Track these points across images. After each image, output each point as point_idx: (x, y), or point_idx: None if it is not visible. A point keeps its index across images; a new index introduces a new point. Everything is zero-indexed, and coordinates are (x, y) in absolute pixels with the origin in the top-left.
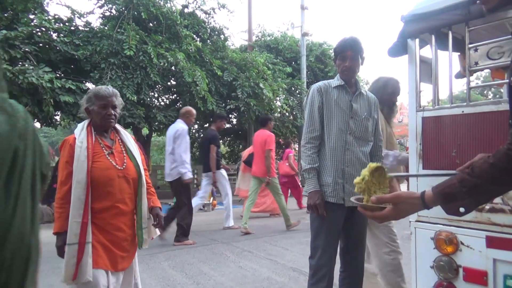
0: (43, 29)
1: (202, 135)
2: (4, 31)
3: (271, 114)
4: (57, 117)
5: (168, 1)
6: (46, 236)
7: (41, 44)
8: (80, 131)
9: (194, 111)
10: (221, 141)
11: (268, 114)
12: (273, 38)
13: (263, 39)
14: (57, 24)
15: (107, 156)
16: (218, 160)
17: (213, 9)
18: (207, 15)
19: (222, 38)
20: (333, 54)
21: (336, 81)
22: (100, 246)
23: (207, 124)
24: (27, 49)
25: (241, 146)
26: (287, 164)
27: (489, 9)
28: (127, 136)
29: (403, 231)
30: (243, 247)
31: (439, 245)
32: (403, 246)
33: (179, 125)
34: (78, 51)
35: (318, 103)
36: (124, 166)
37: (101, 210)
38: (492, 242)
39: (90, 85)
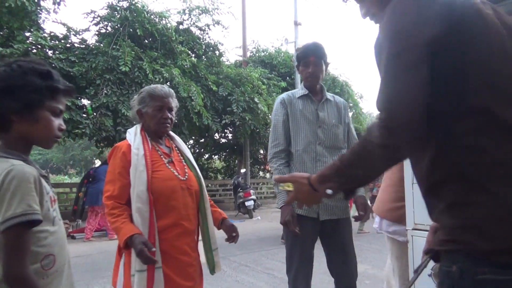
0: (39, 46)
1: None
2: (0, 49)
3: (267, 128)
4: None
5: (163, 18)
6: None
7: None
8: (134, 136)
9: None
10: (216, 156)
11: (264, 128)
12: (267, 53)
13: (257, 54)
14: (52, 41)
15: (167, 165)
16: None
17: (208, 25)
18: (202, 32)
19: (217, 54)
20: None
21: (300, 91)
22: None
23: (202, 139)
24: None
25: (236, 161)
26: None
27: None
28: (183, 144)
29: None
30: (240, 261)
31: None
32: None
33: None
34: (74, 67)
35: (283, 116)
36: (186, 177)
37: (163, 230)
38: None
39: (85, 101)
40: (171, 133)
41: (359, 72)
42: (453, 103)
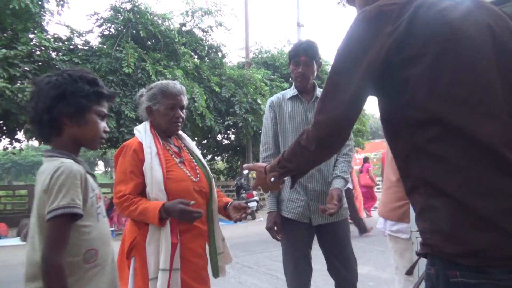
0: (43, 48)
1: None
2: (4, 50)
3: None
4: None
5: (166, 20)
6: None
7: (40, 63)
8: (144, 134)
9: None
10: (219, 157)
11: None
12: (270, 55)
13: (260, 56)
14: (56, 43)
15: (179, 165)
16: None
17: (211, 27)
18: (205, 33)
19: (220, 55)
20: (327, 67)
21: (290, 91)
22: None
23: (205, 140)
24: (26, 68)
25: (239, 162)
26: (368, 176)
27: None
28: (192, 142)
29: None
30: (243, 263)
31: None
32: None
33: None
34: None
35: (271, 120)
36: (198, 178)
37: (180, 232)
38: None
39: None
40: (180, 131)
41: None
42: (410, 114)
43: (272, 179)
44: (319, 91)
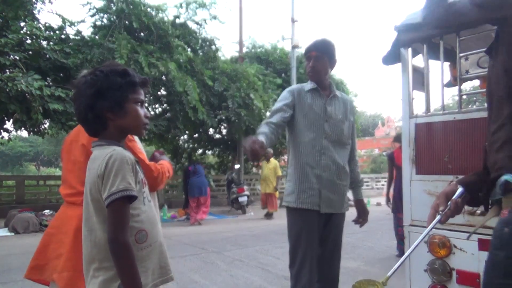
0: (34, 36)
1: None
2: None
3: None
4: (45, 125)
5: (160, 11)
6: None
7: (30, 52)
8: None
9: None
10: (210, 151)
11: (259, 124)
12: (263, 49)
13: (253, 50)
14: (47, 32)
15: None
16: None
17: (205, 20)
18: (199, 26)
19: (213, 49)
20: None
21: (309, 85)
22: None
23: (197, 134)
24: (16, 57)
25: (230, 156)
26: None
27: None
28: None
29: (393, 241)
30: (234, 256)
31: (432, 249)
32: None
33: None
34: (69, 59)
35: (290, 101)
36: None
37: None
38: (484, 245)
39: None
40: None
41: (354, 71)
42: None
43: None
44: (338, 93)
